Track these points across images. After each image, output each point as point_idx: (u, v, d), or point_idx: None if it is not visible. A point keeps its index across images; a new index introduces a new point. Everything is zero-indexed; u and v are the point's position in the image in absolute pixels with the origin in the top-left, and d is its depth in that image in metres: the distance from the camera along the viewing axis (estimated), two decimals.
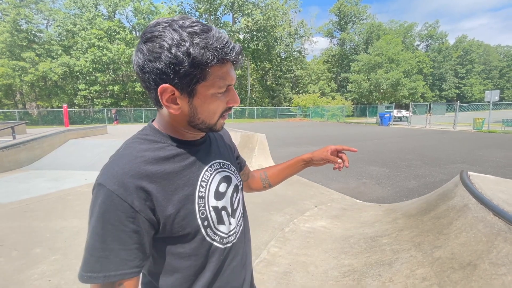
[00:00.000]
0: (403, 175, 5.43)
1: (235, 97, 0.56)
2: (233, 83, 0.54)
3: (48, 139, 7.03)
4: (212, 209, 0.59)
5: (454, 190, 2.17)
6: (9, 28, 24.37)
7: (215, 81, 0.51)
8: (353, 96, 35.97)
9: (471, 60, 55.98)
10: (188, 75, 0.48)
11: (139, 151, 0.53)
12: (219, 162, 0.66)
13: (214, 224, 0.59)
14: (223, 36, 0.50)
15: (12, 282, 2.01)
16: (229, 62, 0.51)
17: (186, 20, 0.49)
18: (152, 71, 0.48)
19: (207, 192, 0.59)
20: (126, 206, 0.47)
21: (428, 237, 1.87)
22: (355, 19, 45.12)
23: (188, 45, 0.46)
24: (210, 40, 0.48)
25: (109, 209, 0.47)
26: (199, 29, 0.48)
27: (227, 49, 0.49)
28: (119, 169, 0.49)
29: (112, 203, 0.47)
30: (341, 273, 1.97)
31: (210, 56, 0.47)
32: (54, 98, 27.71)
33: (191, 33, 0.47)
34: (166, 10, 33.54)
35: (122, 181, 0.48)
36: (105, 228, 0.47)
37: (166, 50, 0.46)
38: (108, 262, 0.47)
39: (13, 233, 2.80)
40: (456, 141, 11.13)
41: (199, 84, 0.50)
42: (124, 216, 0.47)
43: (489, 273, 1.31)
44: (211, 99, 0.53)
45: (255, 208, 3.47)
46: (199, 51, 0.47)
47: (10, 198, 3.95)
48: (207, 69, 0.49)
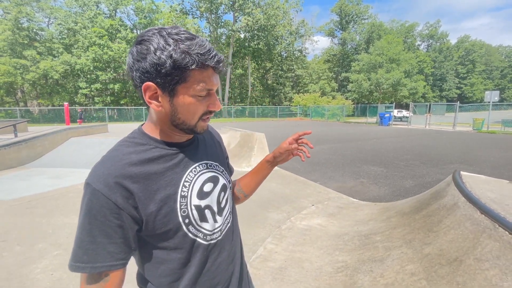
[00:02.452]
0: (401, 175, 5.48)
1: (216, 102, 0.60)
2: (214, 88, 0.59)
3: (49, 137, 7.11)
4: (194, 208, 0.62)
5: (446, 189, 2.22)
6: (11, 26, 24.45)
7: (194, 84, 0.55)
8: (354, 95, 35.99)
9: (472, 60, 55.87)
10: (169, 75, 0.53)
11: (125, 153, 0.57)
12: (206, 163, 0.69)
13: (196, 222, 0.63)
14: (206, 44, 0.55)
15: (16, 275, 2.08)
16: (211, 69, 0.56)
17: (175, 29, 0.54)
18: (139, 69, 0.54)
19: (190, 192, 0.62)
20: (110, 203, 0.52)
21: (419, 235, 1.93)
22: (357, 18, 45.07)
23: (171, 49, 0.52)
24: (193, 46, 0.53)
25: (95, 206, 0.52)
26: (184, 37, 0.53)
27: (208, 55, 0.54)
28: (104, 170, 0.54)
29: (98, 201, 0.52)
30: (335, 269, 2.03)
31: (190, 60, 0.52)
32: (55, 96, 27.81)
33: (176, 39, 0.53)
34: (167, 9, 33.56)
35: (106, 181, 0.53)
36: (92, 223, 0.52)
37: (151, 52, 0.52)
38: (95, 254, 0.52)
39: (15, 229, 2.87)
40: (455, 141, 11.17)
41: (180, 85, 0.54)
42: (108, 212, 0.52)
43: (473, 268, 1.36)
44: (191, 101, 0.57)
45: (252, 206, 3.53)
46: (180, 55, 0.52)
47: (12, 195, 4.02)
48: (187, 72, 0.53)
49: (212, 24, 33.37)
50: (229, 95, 36.89)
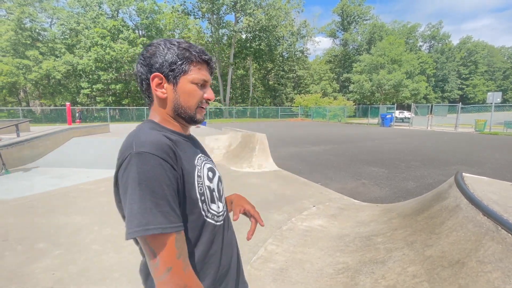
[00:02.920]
0: (402, 176, 5.46)
1: (211, 92, 0.72)
2: (209, 80, 0.71)
3: (51, 137, 7.13)
4: (207, 188, 0.69)
5: (448, 191, 2.21)
6: (14, 26, 24.58)
7: (193, 75, 0.68)
8: (355, 96, 35.95)
9: (474, 61, 55.67)
10: (174, 68, 0.66)
11: (156, 132, 0.63)
12: (204, 155, 0.77)
13: (208, 201, 0.68)
14: (200, 47, 0.70)
15: (17, 275, 2.08)
16: (205, 64, 0.70)
17: (176, 39, 0.69)
18: (148, 64, 0.67)
19: (202, 173, 0.69)
20: (168, 165, 0.57)
21: (421, 236, 1.91)
22: (358, 19, 45.05)
23: (175, 48, 0.67)
24: (191, 47, 0.68)
25: (159, 171, 0.55)
26: (183, 41, 0.69)
27: (203, 53, 0.69)
28: (152, 138, 0.58)
29: (161, 165, 0.55)
30: (336, 270, 2.02)
31: (190, 55, 0.67)
32: (58, 96, 27.90)
33: (177, 42, 0.68)
34: (169, 10, 33.63)
35: (160, 147, 0.57)
36: (164, 185, 0.55)
37: (160, 50, 0.66)
38: (174, 215, 0.55)
39: (17, 229, 2.88)
40: (457, 142, 11.12)
41: (182, 76, 0.67)
42: (171, 175, 0.57)
43: (475, 270, 1.35)
44: (191, 87, 0.68)
45: None
46: (182, 51, 0.67)
47: (14, 194, 4.04)
48: (188, 65, 0.67)
49: (213, 24, 33.41)
50: (230, 96, 36.91)
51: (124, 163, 0.56)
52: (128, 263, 2.22)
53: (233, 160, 6.32)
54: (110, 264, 2.22)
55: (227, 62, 35.80)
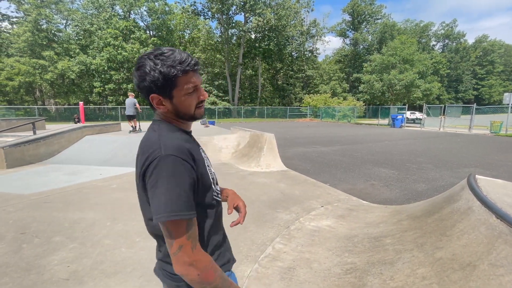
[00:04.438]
0: (413, 178, 5.36)
1: (203, 92, 0.80)
2: (198, 84, 0.77)
3: (66, 134, 7.35)
4: (213, 173, 0.88)
5: (460, 193, 2.17)
6: (31, 27, 25.42)
7: (183, 86, 0.74)
8: (365, 97, 35.44)
9: (491, 60, 53.92)
10: (164, 86, 0.72)
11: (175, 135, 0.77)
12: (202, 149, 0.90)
13: (215, 183, 0.87)
14: (182, 55, 0.73)
15: (34, 266, 2.17)
16: (190, 71, 0.74)
17: (158, 50, 0.73)
18: (144, 88, 0.74)
19: (209, 163, 0.87)
20: (189, 166, 0.70)
21: (431, 238, 1.89)
22: (369, 18, 44.33)
23: (159, 67, 0.70)
24: (174, 60, 0.71)
25: (182, 169, 0.68)
26: (166, 54, 0.71)
27: (186, 63, 0.72)
28: (176, 144, 0.71)
29: (183, 165, 0.69)
30: (344, 270, 2.02)
31: (175, 71, 0.71)
32: (71, 95, 28.70)
33: (161, 59, 0.71)
34: (179, 10, 34.04)
35: (182, 151, 0.71)
36: (184, 182, 0.68)
37: (147, 74, 0.71)
38: (191, 206, 0.68)
39: (34, 222, 3.00)
40: (471, 144, 10.82)
41: (174, 90, 0.74)
42: (189, 173, 0.70)
43: (487, 273, 1.33)
44: (185, 98, 0.76)
45: (261, 206, 3.55)
46: (167, 69, 0.70)
47: (31, 190, 4.20)
48: (176, 79, 0.72)
49: (223, 24, 33.60)
50: (239, 96, 37.02)
51: (153, 162, 0.68)
52: (139, 258, 2.28)
53: (242, 160, 6.35)
54: (122, 258, 2.29)
55: (236, 62, 35.92)
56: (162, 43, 31.11)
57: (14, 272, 2.08)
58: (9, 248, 2.45)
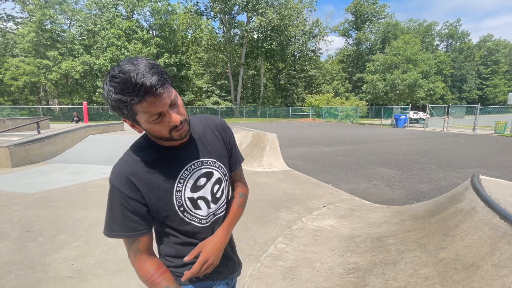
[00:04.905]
0: (416, 178, 5.34)
1: (171, 118, 0.66)
2: (162, 110, 0.64)
3: (69, 134, 7.41)
4: (188, 199, 0.79)
5: (464, 193, 2.15)
6: (35, 28, 25.64)
7: (142, 115, 0.64)
8: (368, 96, 35.24)
9: (495, 60, 53.42)
10: (124, 113, 0.65)
11: (134, 157, 0.74)
12: (201, 161, 0.81)
13: (191, 210, 0.80)
14: (136, 78, 0.58)
15: (39, 264, 2.20)
16: (148, 97, 0.60)
17: (114, 70, 0.60)
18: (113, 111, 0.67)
19: (184, 187, 0.78)
20: (124, 195, 0.71)
21: (434, 239, 1.88)
22: (372, 18, 44.13)
23: (112, 94, 0.61)
24: (123, 87, 0.59)
25: (115, 197, 0.72)
26: (117, 80, 0.59)
27: (137, 90, 0.59)
28: (119, 170, 0.73)
29: (116, 193, 0.72)
30: (346, 270, 2.02)
31: (126, 99, 0.60)
32: (75, 95, 28.90)
33: (113, 85, 0.60)
34: (182, 10, 34.13)
35: (120, 179, 0.71)
36: (116, 208, 0.72)
37: (107, 100, 0.64)
38: (124, 226, 0.73)
39: (39, 221, 3.03)
40: (475, 144, 10.73)
41: (136, 116, 0.65)
42: (124, 201, 0.71)
43: (490, 274, 1.33)
44: (151, 125, 0.67)
45: (263, 206, 3.56)
46: (118, 97, 0.60)
47: (35, 188, 4.24)
48: (132, 108, 0.62)
49: (225, 24, 33.63)
50: (241, 96, 37.05)
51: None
52: None
53: (244, 159, 6.36)
54: (126, 256, 2.29)
55: (239, 62, 35.95)
56: (165, 43, 31.22)
57: (19, 270, 2.11)
58: (14, 246, 2.48)
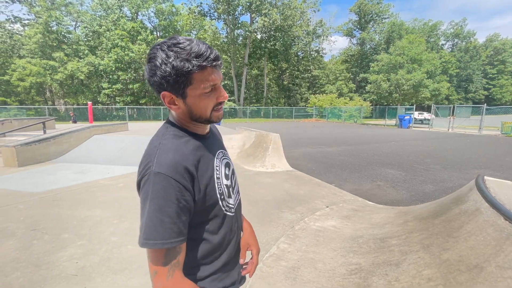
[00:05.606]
0: (420, 179, 5.29)
1: (223, 93, 0.70)
2: (217, 82, 0.67)
3: (74, 134, 7.49)
4: (225, 187, 0.78)
5: (468, 194, 2.13)
6: (42, 29, 25.99)
7: (199, 84, 0.64)
8: (372, 97, 35.02)
9: (502, 60, 52.70)
10: (177, 82, 0.63)
11: (177, 145, 0.67)
12: (221, 151, 0.83)
13: (225, 197, 0.77)
14: (200, 47, 0.62)
15: (44, 262, 2.23)
16: (209, 68, 0.64)
17: (173, 40, 0.63)
18: (154, 83, 0.64)
19: (220, 174, 0.77)
20: (181, 186, 0.62)
21: (438, 240, 1.87)
22: (377, 18, 43.84)
23: (172, 60, 0.61)
24: (190, 52, 0.61)
25: (171, 191, 0.61)
26: (182, 46, 0.61)
27: (204, 57, 0.62)
28: (170, 160, 0.63)
29: (172, 186, 0.61)
30: (348, 271, 2.01)
31: (190, 65, 0.61)
32: (80, 95, 29.21)
33: (175, 51, 0.61)
34: (186, 11, 34.30)
35: (176, 168, 0.62)
36: (170, 205, 0.61)
37: (158, 68, 0.62)
38: (174, 229, 0.61)
39: (44, 219, 3.07)
40: (481, 145, 10.60)
41: (187, 88, 0.64)
42: (180, 195, 0.62)
43: (495, 275, 1.31)
44: (200, 98, 0.66)
45: (266, 206, 3.56)
46: (180, 63, 0.61)
47: (41, 188, 4.30)
48: (191, 75, 0.62)
49: (229, 25, 33.73)
50: (244, 96, 37.08)
51: (144, 178, 0.63)
52: (145, 255, 2.31)
53: (247, 160, 6.37)
54: (129, 255, 2.33)
55: (242, 62, 36.01)
56: None
57: (25, 268, 2.14)
58: (20, 244, 2.51)
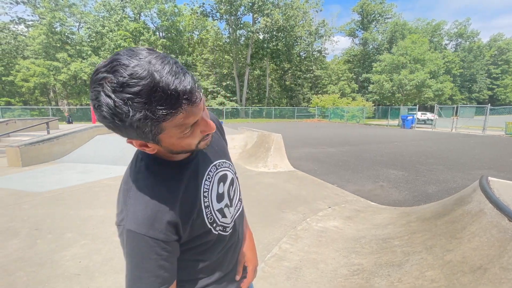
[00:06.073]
0: (423, 180, 5.26)
1: (207, 126, 0.54)
2: (197, 119, 0.50)
3: (78, 134, 7.55)
4: (217, 212, 0.68)
5: (472, 195, 2.12)
6: (45, 30, 26.22)
7: (173, 130, 0.48)
8: (375, 97, 34.87)
9: (507, 59, 52.25)
10: (141, 134, 0.47)
11: (152, 189, 0.57)
12: (215, 165, 0.71)
13: (218, 221, 0.68)
14: (165, 80, 0.42)
15: (48, 261, 2.24)
16: (187, 105, 0.46)
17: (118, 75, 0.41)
18: (113, 130, 0.47)
19: (210, 200, 0.66)
20: (159, 242, 0.54)
21: (441, 241, 1.86)
22: (379, 18, 43.67)
23: (125, 114, 0.42)
24: (150, 99, 0.41)
25: (146, 249, 0.54)
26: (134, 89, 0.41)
27: (172, 99, 0.43)
28: (142, 213, 0.54)
29: (147, 244, 0.54)
30: (350, 271, 2.01)
31: (153, 117, 0.43)
32: (83, 96, 29.41)
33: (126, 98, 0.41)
34: (188, 12, 34.42)
35: (152, 224, 0.54)
36: (149, 263, 0.54)
37: (108, 120, 0.44)
38: (157, 281, 0.56)
39: (48, 219, 3.09)
40: (485, 146, 10.51)
41: (159, 135, 0.48)
42: (158, 249, 0.55)
43: (498, 277, 1.30)
44: (179, 140, 0.52)
45: (268, 206, 3.56)
46: (139, 115, 0.42)
47: (45, 187, 4.33)
48: (158, 125, 0.45)
49: (231, 25, 33.77)
50: (246, 96, 37.12)
51: (119, 228, 0.56)
52: None
53: (249, 160, 6.37)
54: None
55: (244, 62, 36.04)
56: (171, 45, 31.53)
57: (28, 267, 2.16)
58: (24, 243, 2.54)
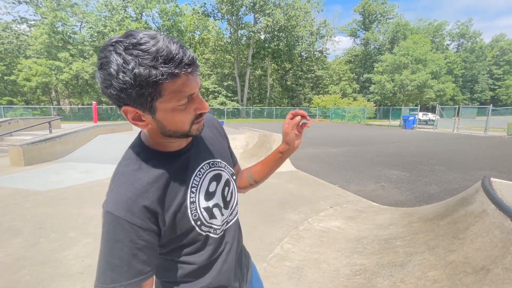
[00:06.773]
0: (425, 180, 5.25)
1: (202, 104, 0.56)
2: (195, 91, 0.53)
3: (80, 133, 7.57)
4: (204, 210, 0.66)
5: (474, 195, 2.12)
6: (47, 30, 26.29)
7: (171, 97, 0.50)
8: (376, 97, 34.82)
9: (509, 60, 52.05)
10: (141, 95, 0.49)
11: (135, 175, 0.57)
12: (208, 163, 0.70)
13: (206, 221, 0.66)
14: (170, 47, 0.47)
15: (51, 260, 2.26)
16: (183, 74, 0.49)
17: (132, 38, 0.47)
18: (111, 96, 0.49)
19: (197, 196, 0.65)
20: (135, 227, 0.53)
21: (443, 241, 1.86)
22: (381, 18, 43.59)
23: (132, 68, 0.46)
24: (156, 56, 0.46)
25: (121, 233, 0.53)
26: (144, 47, 0.46)
27: (175, 62, 0.47)
28: (122, 196, 0.54)
29: (122, 227, 0.53)
30: (353, 271, 2.01)
31: (158, 74, 0.46)
32: (85, 95, 29.50)
33: (135, 54, 0.46)
34: (190, 12, 34.47)
35: (127, 206, 0.53)
36: (121, 248, 0.53)
37: (113, 77, 0.47)
38: (127, 273, 0.54)
39: (51, 218, 3.11)
40: (487, 146, 10.48)
41: (156, 101, 0.50)
42: (134, 235, 0.53)
43: (501, 277, 1.30)
44: (174, 113, 0.53)
45: (270, 206, 3.56)
46: (144, 71, 0.46)
47: (47, 186, 4.35)
48: (159, 86, 0.48)
49: (232, 25, 33.80)
50: (248, 96, 37.13)
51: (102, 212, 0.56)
52: None
53: (250, 160, 6.38)
54: None
55: (245, 62, 36.04)
56: None
57: (31, 265, 2.17)
58: (27, 242, 2.55)
